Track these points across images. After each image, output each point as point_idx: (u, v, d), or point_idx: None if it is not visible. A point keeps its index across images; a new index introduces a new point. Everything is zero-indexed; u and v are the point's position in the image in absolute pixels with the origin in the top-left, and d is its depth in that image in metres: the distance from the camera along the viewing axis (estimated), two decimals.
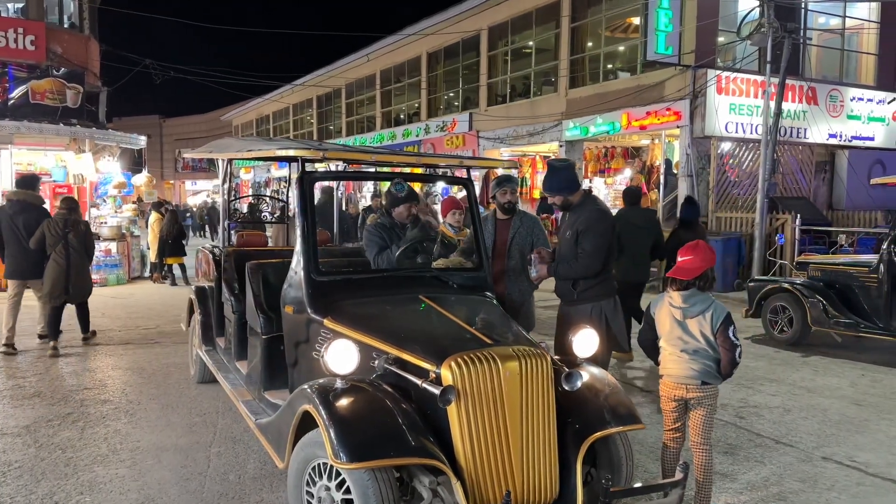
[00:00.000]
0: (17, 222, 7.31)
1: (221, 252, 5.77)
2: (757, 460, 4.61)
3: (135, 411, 5.55)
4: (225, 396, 5.78)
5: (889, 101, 16.35)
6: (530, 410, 3.10)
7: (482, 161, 6.15)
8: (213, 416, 5.45)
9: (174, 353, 7.62)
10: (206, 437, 4.96)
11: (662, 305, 3.70)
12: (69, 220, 7.35)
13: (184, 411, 5.55)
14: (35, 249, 7.25)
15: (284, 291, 4.08)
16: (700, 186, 14.45)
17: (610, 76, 17.32)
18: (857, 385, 6.56)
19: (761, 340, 8.62)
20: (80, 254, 7.41)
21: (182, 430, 5.11)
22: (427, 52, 23.91)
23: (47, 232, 7.22)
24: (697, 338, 3.59)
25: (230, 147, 5.61)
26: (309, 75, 31.35)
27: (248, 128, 44.43)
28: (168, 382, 6.40)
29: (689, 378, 3.61)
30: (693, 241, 3.71)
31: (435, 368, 3.05)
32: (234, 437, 4.98)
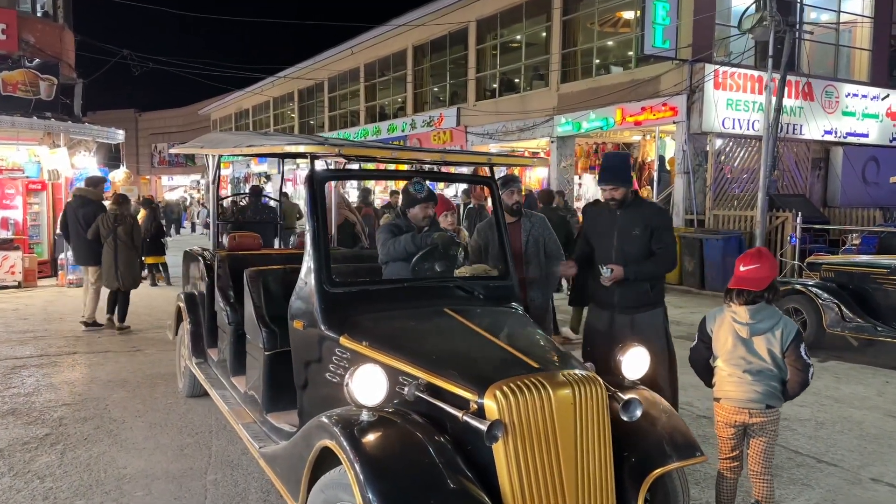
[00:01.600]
0: (79, 215, 8.45)
1: (213, 255, 5.33)
2: (803, 483, 4.27)
3: (119, 431, 5.07)
4: (218, 412, 5.33)
5: (883, 98, 16.21)
6: (585, 445, 2.73)
7: (509, 158, 5.73)
8: (207, 436, 5.00)
9: (159, 361, 7.14)
10: (200, 462, 4.51)
11: (723, 321, 3.33)
12: (119, 214, 8.23)
13: (173, 431, 5.09)
14: (91, 240, 8.25)
15: (292, 304, 3.64)
16: (697, 184, 14.18)
17: (602, 71, 16.98)
18: (885, 394, 6.26)
19: None
20: (128, 245, 8.23)
21: (173, 454, 4.65)
22: (413, 46, 23.41)
23: (101, 225, 8.17)
24: (763, 357, 3.23)
25: (225, 142, 5.13)
26: (291, 68, 30.65)
27: (227, 122, 43.58)
28: (154, 396, 5.92)
29: (753, 401, 3.25)
30: (755, 248, 3.35)
31: (476, 398, 2.65)
32: (231, 461, 4.54)
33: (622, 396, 2.92)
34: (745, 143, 14.39)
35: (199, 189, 44.34)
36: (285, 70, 31.02)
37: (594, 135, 17.07)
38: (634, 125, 15.40)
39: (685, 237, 12.71)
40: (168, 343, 7.74)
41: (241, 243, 5.39)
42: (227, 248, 5.35)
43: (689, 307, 11.04)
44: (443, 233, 3.96)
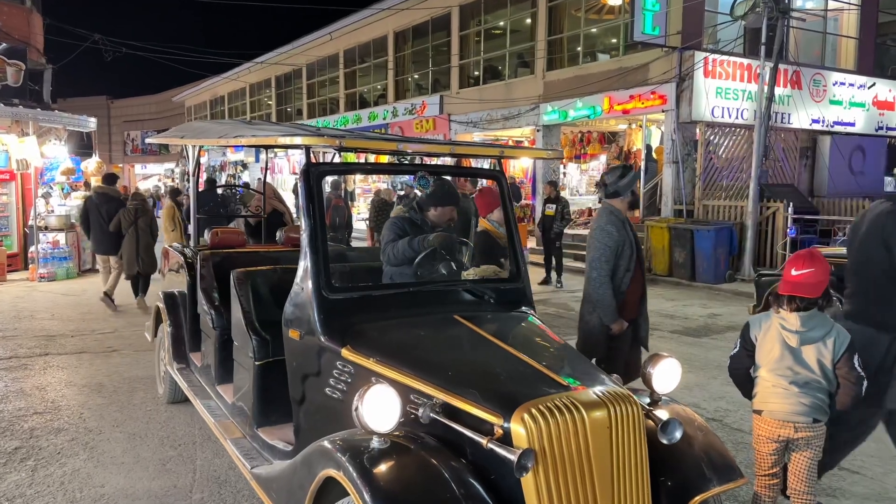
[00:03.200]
0: (101, 210, 9.31)
1: (195, 253, 4.97)
2: (829, 494, 4.05)
3: (96, 444, 4.71)
4: (202, 421, 4.99)
5: (869, 87, 16.14)
6: (622, 472, 2.46)
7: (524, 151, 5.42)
8: (191, 448, 4.66)
9: (136, 363, 6.76)
10: (184, 479, 4.17)
11: (769, 328, 3.07)
12: (139, 208, 9.29)
13: (154, 442, 4.74)
14: (112, 232, 9.20)
15: (287, 311, 3.33)
16: (686, 173, 14.00)
17: (589, 58, 16.70)
18: None
19: None
20: (147, 234, 9.25)
21: (155, 470, 4.30)
22: (394, 31, 22.93)
23: (123, 219, 9.15)
24: (812, 367, 2.98)
25: (207, 132, 4.76)
26: (268, 54, 29.99)
27: (202, 109, 42.71)
28: (133, 403, 5.55)
29: (799, 415, 3.01)
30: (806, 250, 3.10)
31: (502, 422, 2.37)
32: (218, 477, 4.20)
33: (659, 416, 2.64)
34: (734, 131, 14.22)
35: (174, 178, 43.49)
36: (262, 56, 30.36)
37: (580, 123, 16.81)
38: (622, 113, 15.17)
39: (675, 228, 12.52)
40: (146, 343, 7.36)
41: (224, 239, 5.02)
42: (210, 245, 4.99)
43: (680, 300, 10.87)
44: (441, 233, 3.66)
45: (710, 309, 10.03)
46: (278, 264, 4.38)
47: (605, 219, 4.30)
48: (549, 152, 4.32)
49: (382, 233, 3.85)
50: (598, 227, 4.29)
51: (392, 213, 4.40)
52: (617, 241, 4.23)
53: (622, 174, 4.32)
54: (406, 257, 3.64)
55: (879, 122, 16.63)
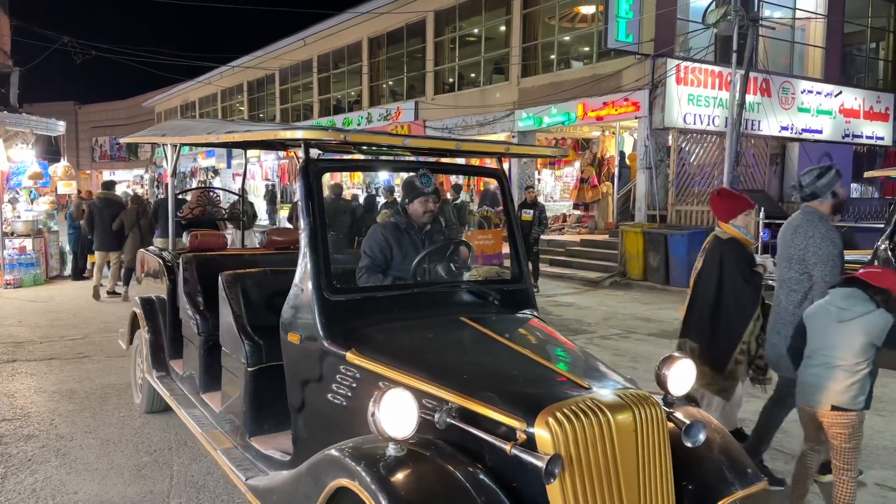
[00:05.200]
0: (105, 213, 10.62)
1: (176, 257, 4.84)
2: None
3: (68, 450, 4.58)
4: (177, 427, 4.91)
5: (836, 95, 16.49)
6: (647, 476, 2.39)
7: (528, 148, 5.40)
8: (166, 453, 4.55)
9: (108, 369, 6.61)
10: (161, 485, 4.07)
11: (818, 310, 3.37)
12: (139, 211, 10.65)
13: (129, 448, 4.62)
14: (115, 231, 10.48)
15: (286, 314, 3.21)
16: (659, 179, 14.15)
17: (563, 65, 16.83)
18: None
19: None
20: (149, 233, 10.30)
21: (130, 475, 4.19)
22: (368, 37, 22.91)
23: (126, 220, 10.48)
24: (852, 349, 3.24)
25: (191, 129, 4.65)
26: (240, 59, 29.74)
27: (173, 114, 42.15)
28: (105, 409, 5.42)
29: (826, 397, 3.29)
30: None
31: (524, 426, 2.27)
32: (195, 482, 4.11)
33: (682, 419, 2.59)
34: (706, 138, 14.43)
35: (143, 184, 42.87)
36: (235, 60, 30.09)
37: (555, 130, 16.92)
38: (596, 120, 15.30)
39: (649, 233, 12.65)
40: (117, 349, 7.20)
41: (204, 242, 4.91)
42: (189, 248, 4.87)
43: (655, 303, 10.96)
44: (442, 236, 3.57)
45: None
46: (257, 266, 4.27)
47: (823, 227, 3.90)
48: (553, 150, 4.27)
49: (363, 243, 3.70)
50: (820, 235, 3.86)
51: (378, 218, 4.32)
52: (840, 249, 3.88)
53: (819, 174, 3.99)
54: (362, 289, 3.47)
55: (846, 129, 17.00)
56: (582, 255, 14.71)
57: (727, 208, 4.43)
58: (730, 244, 4.36)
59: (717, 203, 4.58)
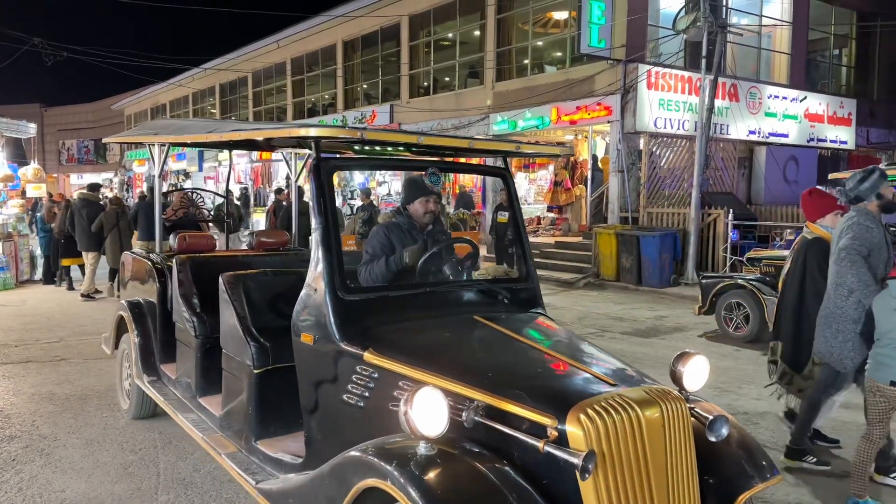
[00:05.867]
0: (83, 213, 10.74)
1: (166, 259, 4.82)
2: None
3: (52, 450, 4.59)
4: (162, 427, 4.94)
5: (801, 100, 16.94)
6: (674, 472, 2.42)
7: (538, 147, 5.44)
8: (152, 451, 4.58)
9: (87, 371, 6.58)
10: (148, 483, 4.11)
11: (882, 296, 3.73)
12: (119, 212, 10.76)
13: (114, 448, 4.64)
14: (94, 232, 10.62)
15: (298, 315, 3.18)
16: (631, 182, 14.41)
17: (537, 70, 17.06)
18: None
19: (716, 338, 8.47)
20: (127, 234, 10.59)
21: (116, 474, 4.22)
22: (343, 40, 22.93)
23: (105, 221, 10.55)
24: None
25: (189, 129, 4.59)
26: (212, 61, 29.56)
27: (143, 117, 41.63)
28: (87, 410, 5.42)
29: None
30: None
31: (555, 424, 2.28)
32: (183, 479, 4.16)
33: (704, 414, 2.62)
34: (676, 142, 14.74)
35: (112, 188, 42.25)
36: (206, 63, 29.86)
37: (529, 133, 17.11)
38: (570, 124, 15.52)
39: (622, 234, 12.88)
40: (96, 352, 7.18)
41: (192, 244, 4.87)
42: (178, 250, 4.84)
43: (628, 303, 11.17)
44: (413, 248, 3.43)
45: (656, 311, 10.35)
46: (251, 268, 4.21)
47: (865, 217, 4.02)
48: (562, 149, 4.35)
49: (365, 243, 3.66)
50: (856, 223, 3.99)
51: (379, 219, 4.33)
52: (875, 237, 3.97)
53: (862, 178, 4.04)
54: (385, 278, 3.43)
55: (811, 133, 17.46)
56: (556, 256, 14.91)
57: (816, 207, 4.48)
58: (814, 244, 4.41)
59: (807, 202, 4.62)
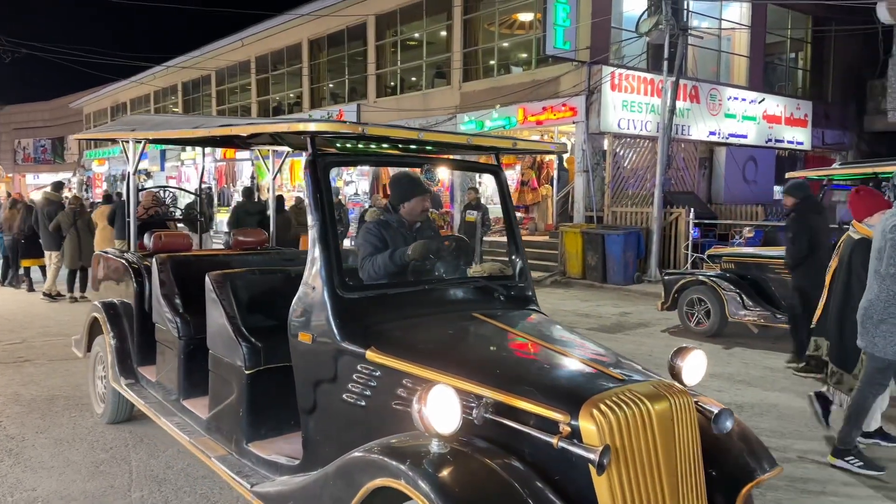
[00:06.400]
0: (45, 212, 10.71)
1: (142, 259, 4.75)
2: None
3: (20, 450, 4.55)
4: (133, 426, 4.95)
5: (759, 102, 17.39)
6: (683, 465, 2.45)
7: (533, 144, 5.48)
8: (123, 450, 4.57)
9: (52, 372, 6.50)
10: (120, 480, 4.10)
11: None
12: (77, 211, 10.67)
13: (84, 447, 4.62)
14: (53, 231, 10.48)
15: (295, 313, 3.12)
16: (596, 182, 14.66)
17: (504, 70, 17.23)
18: (790, 377, 6.66)
19: (678, 333, 8.70)
20: (86, 233, 10.51)
21: (88, 472, 4.21)
22: (308, 39, 22.83)
23: (62, 220, 10.40)
24: None
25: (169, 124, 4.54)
26: (174, 59, 29.12)
27: (102, 116, 40.83)
28: (54, 410, 5.36)
29: None
30: None
31: (568, 419, 2.27)
32: (155, 476, 4.16)
33: (708, 407, 2.67)
34: (639, 142, 15.03)
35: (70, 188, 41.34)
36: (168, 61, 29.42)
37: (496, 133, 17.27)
38: (536, 125, 15.71)
39: (588, 233, 13.11)
40: (61, 353, 7.11)
41: (168, 243, 4.80)
42: (153, 249, 4.76)
43: (594, 300, 11.38)
44: (419, 243, 3.38)
45: (621, 308, 10.57)
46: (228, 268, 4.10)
47: None
48: (556, 146, 4.42)
49: (357, 242, 3.63)
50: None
51: (367, 217, 4.33)
52: None
53: None
54: (388, 273, 3.38)
55: (769, 134, 17.94)
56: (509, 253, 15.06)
57: (864, 206, 4.53)
58: (861, 244, 4.46)
59: (854, 201, 4.66)
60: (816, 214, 6.76)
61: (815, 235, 6.51)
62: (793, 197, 6.73)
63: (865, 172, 8.07)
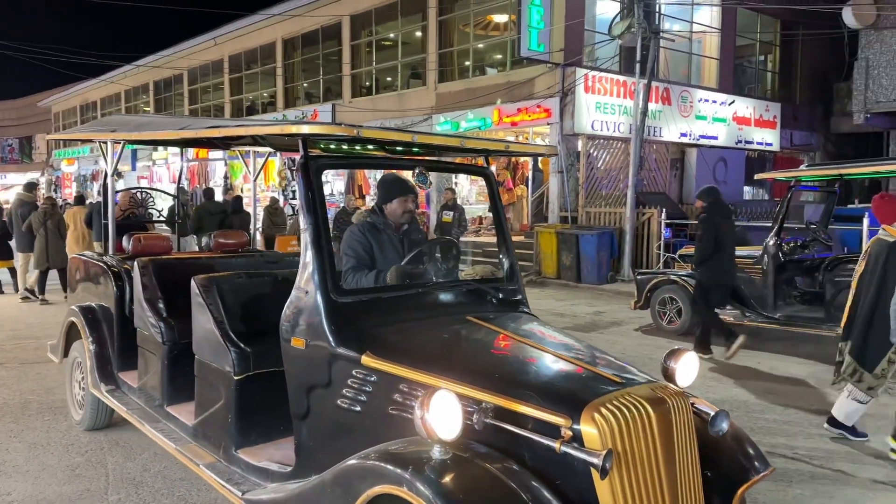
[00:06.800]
0: (18, 213, 10.74)
1: (122, 262, 4.68)
2: None
3: None
4: (108, 429, 4.89)
5: (729, 104, 17.70)
6: (682, 467, 2.45)
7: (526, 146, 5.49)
8: (99, 453, 4.54)
9: (24, 376, 6.42)
10: (97, 483, 4.09)
11: None
12: (48, 212, 10.49)
13: (59, 450, 4.58)
14: (25, 231, 10.43)
15: (287, 318, 3.06)
16: (570, 182, 14.81)
17: (479, 72, 17.33)
18: (760, 374, 6.82)
19: (651, 331, 8.84)
20: (55, 235, 10.37)
21: (64, 475, 4.18)
22: (283, 39, 22.72)
23: (34, 221, 10.33)
24: None
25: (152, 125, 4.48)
26: (145, 58, 28.79)
27: (72, 115, 40.21)
28: (27, 415, 5.31)
29: None
30: None
31: (569, 423, 2.27)
32: (133, 479, 4.15)
33: (703, 409, 2.69)
34: (612, 144, 15.22)
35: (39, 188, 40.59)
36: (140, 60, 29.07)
37: (472, 134, 17.37)
38: (511, 126, 15.82)
39: (562, 233, 13.24)
40: (32, 356, 7.04)
41: (148, 246, 4.72)
42: (133, 252, 4.68)
43: (568, 299, 11.51)
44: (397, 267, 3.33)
45: (595, 307, 10.70)
46: (211, 272, 4.04)
47: None
48: (547, 148, 4.42)
49: (341, 245, 3.51)
50: None
51: (353, 219, 4.27)
52: None
53: None
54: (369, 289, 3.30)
55: (739, 136, 18.26)
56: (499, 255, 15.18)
57: (892, 210, 4.61)
58: (894, 247, 4.55)
59: (880, 206, 4.76)
60: (723, 217, 7.33)
61: (720, 235, 7.11)
62: (703, 201, 7.40)
63: (831, 174, 8.29)
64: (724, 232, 7.17)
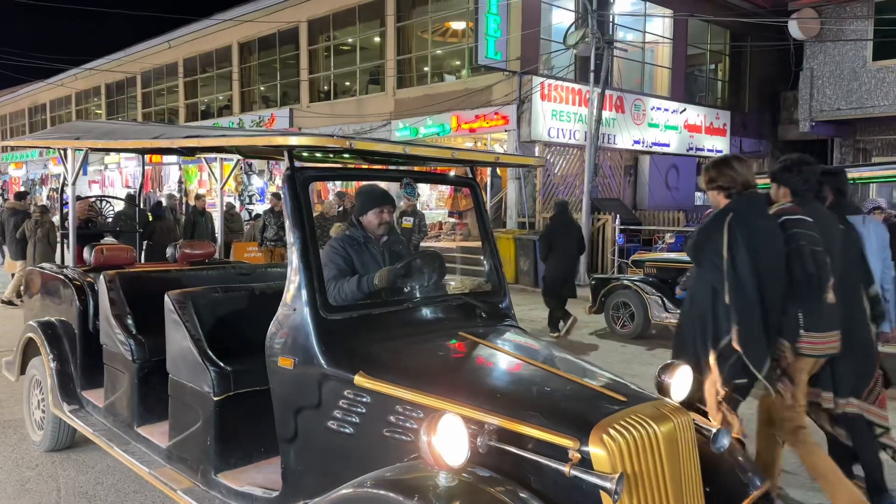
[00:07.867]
0: (10, 222, 10.94)
1: (84, 275, 4.50)
2: None
3: None
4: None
5: (681, 111, 18.15)
6: (687, 486, 2.42)
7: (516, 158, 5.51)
8: (50, 467, 4.48)
9: None
10: (48, 497, 4.03)
11: None
12: (39, 220, 10.53)
13: (8, 465, 4.50)
14: (19, 239, 10.68)
15: (274, 337, 2.92)
16: (527, 189, 15.01)
17: (437, 78, 17.45)
18: None
19: (605, 335, 9.04)
20: (44, 243, 10.39)
21: (14, 490, 4.11)
22: (239, 42, 22.50)
23: (26, 229, 10.52)
24: None
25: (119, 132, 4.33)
26: (96, 61, 28.19)
27: (20, 117, 39.10)
28: None
29: None
30: None
31: (577, 445, 2.20)
32: (85, 492, 4.11)
33: (705, 426, 2.67)
34: (568, 151, 15.49)
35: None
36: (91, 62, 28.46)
37: (431, 140, 17.46)
38: (469, 132, 15.97)
39: (520, 239, 13.42)
40: None
41: (111, 258, 4.56)
42: (94, 264, 4.52)
43: (526, 304, 11.64)
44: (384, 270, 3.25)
45: None
46: (181, 285, 3.92)
47: None
48: (535, 160, 4.46)
49: (322, 259, 3.26)
50: None
51: (332, 233, 4.19)
52: None
53: None
54: (355, 298, 3.20)
55: (690, 143, 18.74)
56: (458, 260, 15.30)
57: None
58: None
59: None
60: (561, 225, 8.92)
61: (554, 239, 8.80)
62: (553, 211, 9.31)
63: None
64: (557, 237, 8.82)
